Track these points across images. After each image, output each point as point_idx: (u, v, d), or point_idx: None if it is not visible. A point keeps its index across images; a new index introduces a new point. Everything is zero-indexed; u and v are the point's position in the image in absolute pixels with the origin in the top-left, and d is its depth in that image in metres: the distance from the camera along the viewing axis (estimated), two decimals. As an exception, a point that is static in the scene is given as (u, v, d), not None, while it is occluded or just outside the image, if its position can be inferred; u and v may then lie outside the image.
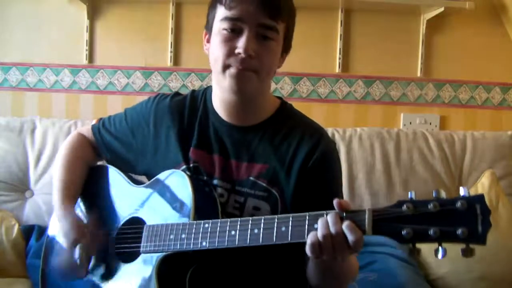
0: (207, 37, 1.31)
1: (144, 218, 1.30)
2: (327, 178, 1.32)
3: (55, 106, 2.52)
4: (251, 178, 1.30)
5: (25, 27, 2.50)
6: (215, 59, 1.25)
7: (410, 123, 2.60)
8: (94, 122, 1.54)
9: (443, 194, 0.93)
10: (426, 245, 0.93)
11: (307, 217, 1.05)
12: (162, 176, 1.33)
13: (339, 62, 2.55)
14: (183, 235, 1.17)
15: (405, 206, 0.94)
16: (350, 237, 0.98)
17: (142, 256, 1.25)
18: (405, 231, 0.93)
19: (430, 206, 0.92)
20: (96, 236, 1.35)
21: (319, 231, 1.01)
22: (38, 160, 2.18)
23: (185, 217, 1.21)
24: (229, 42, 1.22)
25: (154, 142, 1.39)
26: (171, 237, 1.19)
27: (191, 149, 1.34)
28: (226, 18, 1.22)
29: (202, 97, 1.41)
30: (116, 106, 2.49)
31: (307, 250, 1.03)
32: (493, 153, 2.31)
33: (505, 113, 2.65)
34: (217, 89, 1.33)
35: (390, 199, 2.19)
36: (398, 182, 2.24)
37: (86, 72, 2.52)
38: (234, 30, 1.22)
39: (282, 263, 1.29)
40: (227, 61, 1.22)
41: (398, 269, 1.87)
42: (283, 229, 1.06)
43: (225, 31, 1.22)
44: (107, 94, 2.53)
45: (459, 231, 0.89)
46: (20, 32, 2.50)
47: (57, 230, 1.39)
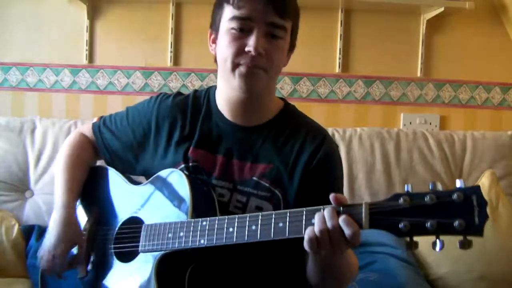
0: (213, 37, 1.32)
1: (142, 217, 1.30)
2: (330, 179, 1.32)
3: (55, 106, 2.53)
4: (254, 178, 1.30)
5: (25, 27, 2.50)
6: (224, 59, 1.24)
7: (410, 123, 2.59)
8: (95, 120, 1.55)
9: (439, 187, 0.94)
10: (425, 241, 0.92)
11: (304, 212, 1.05)
12: (160, 175, 1.33)
13: (339, 62, 2.55)
14: (181, 234, 1.17)
15: (401, 199, 0.95)
16: (347, 231, 0.98)
17: (141, 255, 1.25)
18: (402, 224, 0.93)
19: (427, 199, 0.92)
20: (95, 236, 1.35)
21: (316, 226, 1.01)
22: (38, 160, 2.18)
23: (183, 215, 1.21)
24: (238, 41, 1.22)
25: (155, 141, 1.40)
26: (170, 235, 1.19)
27: (191, 148, 1.34)
28: (234, 18, 1.22)
29: (205, 97, 1.41)
30: (116, 106, 2.49)
31: (305, 245, 1.03)
32: (493, 153, 2.31)
33: (505, 113, 2.65)
34: (223, 88, 1.33)
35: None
36: (398, 182, 2.24)
37: (86, 72, 2.52)
38: (243, 29, 1.22)
39: (282, 262, 1.29)
40: (237, 60, 1.22)
41: (398, 269, 1.87)
42: (281, 224, 1.06)
43: (234, 31, 1.22)
44: (107, 94, 2.53)
45: (456, 223, 0.89)
46: (20, 32, 2.50)
47: (53, 232, 1.37)
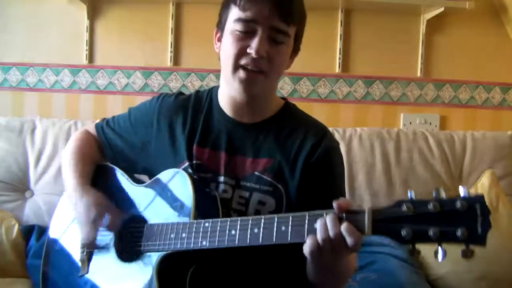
0: (218, 35, 1.33)
1: (145, 216, 1.30)
2: (331, 173, 1.33)
3: (55, 106, 2.53)
4: (256, 173, 1.31)
5: (25, 27, 2.50)
6: (226, 58, 1.26)
7: (410, 123, 2.60)
8: (98, 121, 1.55)
9: (443, 194, 0.93)
10: (426, 245, 0.92)
11: (307, 217, 1.05)
12: (163, 175, 1.33)
13: (339, 62, 2.55)
14: (184, 234, 1.17)
15: (404, 206, 0.94)
16: (349, 239, 0.98)
17: (143, 255, 1.25)
18: (404, 232, 0.93)
19: (430, 207, 0.91)
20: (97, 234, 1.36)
21: (318, 234, 1.01)
22: (38, 160, 2.18)
23: (185, 216, 1.21)
24: (241, 42, 1.23)
25: (158, 140, 1.40)
26: (172, 236, 1.19)
27: (195, 146, 1.35)
28: (239, 20, 1.23)
29: (207, 96, 1.42)
30: (116, 106, 2.49)
31: (306, 251, 1.03)
32: (493, 153, 2.31)
33: (505, 113, 2.65)
34: (226, 87, 1.35)
35: (390, 199, 2.18)
36: (398, 182, 2.25)
37: (86, 72, 2.52)
38: (246, 31, 1.23)
39: (282, 263, 1.29)
40: (238, 60, 1.24)
41: (398, 269, 1.87)
42: (283, 228, 1.06)
43: (238, 32, 1.24)
44: (107, 94, 2.53)
45: (459, 232, 0.89)
46: (20, 32, 2.50)
47: (75, 208, 1.37)
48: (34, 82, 2.52)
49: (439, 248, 0.91)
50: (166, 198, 1.29)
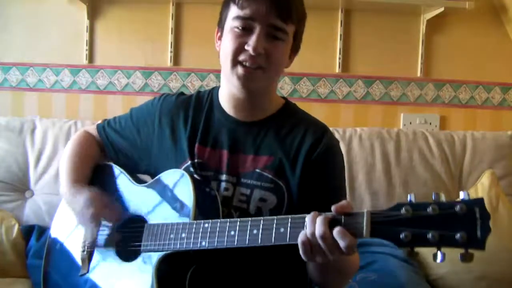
0: (219, 34, 1.35)
1: (145, 216, 1.31)
2: (331, 171, 1.34)
3: (55, 106, 2.53)
4: (257, 170, 1.32)
5: (25, 27, 2.50)
6: (226, 55, 1.27)
7: (410, 123, 2.60)
8: (99, 122, 1.56)
9: (443, 197, 0.92)
10: (425, 248, 0.91)
11: (306, 219, 1.05)
12: (164, 175, 1.34)
13: (339, 62, 2.55)
14: (183, 235, 1.18)
15: (404, 209, 0.93)
16: (342, 243, 0.98)
17: (142, 255, 1.26)
18: (403, 235, 0.92)
19: (429, 210, 0.91)
20: (97, 234, 1.35)
21: (308, 230, 1.02)
22: (38, 160, 2.18)
23: (185, 216, 1.21)
24: (239, 39, 1.25)
25: (159, 139, 1.41)
26: (171, 236, 1.19)
27: (196, 145, 1.36)
28: (238, 17, 1.25)
29: (208, 95, 1.44)
30: (116, 106, 2.49)
31: (300, 250, 1.03)
32: (493, 153, 2.31)
33: (505, 113, 2.64)
34: (226, 84, 1.36)
35: (390, 199, 2.19)
36: (398, 182, 2.24)
37: (86, 72, 2.52)
38: (245, 28, 1.25)
39: (283, 263, 1.30)
40: (237, 57, 1.25)
41: (398, 269, 1.87)
42: (282, 230, 1.07)
43: (236, 29, 1.26)
44: (107, 94, 2.53)
45: (458, 236, 0.88)
46: (20, 32, 2.50)
47: (71, 208, 1.38)
48: (34, 82, 2.52)
49: (438, 252, 0.91)
50: (167, 198, 1.30)
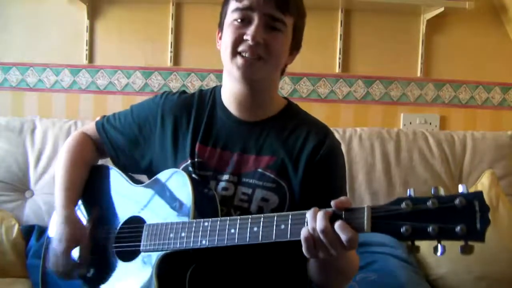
0: (220, 34, 1.35)
1: (144, 217, 1.30)
2: (334, 172, 1.34)
3: (55, 106, 2.53)
4: (259, 170, 1.31)
5: (25, 27, 2.50)
6: (226, 48, 1.28)
7: (410, 123, 2.60)
8: (98, 119, 1.54)
9: (442, 191, 0.93)
10: (425, 242, 0.92)
11: (306, 215, 1.05)
12: (162, 175, 1.33)
13: (339, 62, 2.55)
14: (183, 234, 1.17)
15: (404, 203, 0.94)
16: (343, 236, 0.98)
17: (142, 255, 1.25)
18: (403, 228, 0.93)
19: (429, 203, 0.92)
20: (96, 235, 1.35)
21: (309, 225, 1.03)
22: (38, 160, 2.18)
23: (185, 216, 1.21)
24: (238, 30, 1.26)
25: (161, 137, 1.40)
26: (171, 235, 1.19)
27: (197, 144, 1.35)
28: (237, 9, 1.27)
29: (210, 94, 1.43)
30: (116, 106, 2.49)
31: (302, 243, 1.03)
32: (493, 153, 2.31)
33: (505, 113, 2.65)
34: (227, 81, 1.36)
35: (390, 199, 2.18)
36: (398, 182, 2.24)
37: (86, 72, 2.52)
38: (243, 20, 1.26)
39: (283, 262, 1.30)
40: (236, 47, 1.26)
41: (398, 269, 1.87)
42: (282, 227, 1.06)
43: (235, 22, 1.27)
44: (107, 94, 2.54)
45: (458, 228, 0.89)
46: (20, 32, 2.50)
47: (54, 232, 1.37)
48: (34, 82, 2.52)
49: (439, 245, 0.92)
50: (165, 198, 1.29)
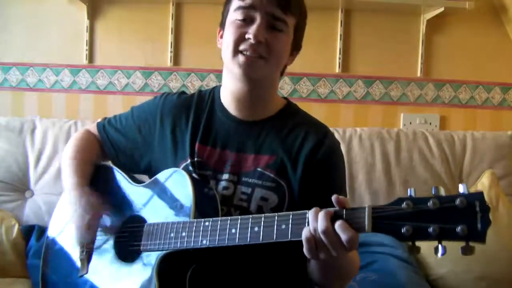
0: (221, 33, 1.35)
1: (144, 216, 1.30)
2: (333, 172, 1.34)
3: (55, 106, 2.53)
4: (259, 169, 1.32)
5: (25, 27, 2.50)
6: (227, 46, 1.28)
7: (410, 123, 2.60)
8: (99, 120, 1.56)
9: (442, 191, 0.93)
10: (425, 242, 0.92)
11: (307, 215, 1.05)
12: (162, 175, 1.33)
13: (339, 62, 2.55)
14: (184, 233, 1.17)
15: (404, 203, 0.94)
16: (343, 236, 0.98)
17: (143, 254, 1.25)
18: (404, 229, 0.93)
19: (430, 204, 0.92)
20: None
21: (310, 225, 1.03)
22: (38, 160, 2.18)
23: (185, 215, 1.21)
24: (240, 29, 1.26)
25: (160, 138, 1.41)
26: (172, 235, 1.19)
27: (197, 144, 1.36)
28: (239, 8, 1.27)
29: (209, 94, 1.44)
30: (116, 106, 2.49)
31: (303, 243, 1.03)
32: (493, 153, 2.31)
33: (505, 113, 2.65)
34: (227, 80, 1.36)
35: (390, 199, 2.17)
36: (398, 182, 2.24)
37: (86, 72, 2.52)
38: (245, 20, 1.26)
39: (283, 262, 1.30)
40: (238, 46, 1.26)
41: (398, 269, 1.87)
42: (283, 227, 1.06)
43: (237, 21, 1.27)
44: (107, 94, 2.53)
45: (459, 229, 0.89)
46: (20, 32, 2.50)
47: (71, 209, 1.36)
48: (34, 82, 2.52)
49: (439, 245, 0.92)
50: (166, 197, 1.29)
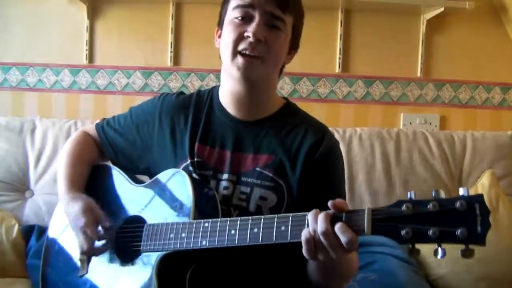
0: (219, 32, 1.35)
1: (144, 217, 1.30)
2: (332, 171, 1.34)
3: (55, 106, 2.53)
4: (258, 168, 1.32)
5: (25, 27, 2.50)
6: (226, 46, 1.28)
7: (410, 123, 2.60)
8: (98, 121, 1.55)
9: (443, 194, 0.92)
10: (426, 245, 0.92)
11: (307, 217, 1.05)
12: (162, 175, 1.33)
13: (339, 62, 2.55)
14: (183, 234, 1.17)
15: (404, 206, 0.94)
16: (343, 238, 0.98)
17: (142, 255, 1.25)
18: (404, 231, 0.92)
19: (430, 206, 0.91)
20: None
21: (310, 227, 1.02)
22: (38, 160, 2.18)
23: (185, 216, 1.21)
24: (239, 28, 1.26)
25: (159, 139, 1.41)
26: (171, 236, 1.19)
27: (196, 144, 1.36)
28: (238, 6, 1.27)
29: (208, 95, 1.44)
30: (116, 106, 2.49)
31: (303, 244, 1.03)
32: (493, 153, 2.31)
33: (505, 113, 2.65)
34: (225, 80, 1.36)
35: (390, 199, 2.17)
36: (398, 182, 2.24)
37: (86, 72, 2.52)
38: (244, 18, 1.26)
39: (282, 263, 1.29)
40: (237, 45, 1.26)
41: (398, 269, 1.87)
42: (283, 228, 1.06)
43: (236, 20, 1.27)
44: (107, 94, 2.54)
45: (459, 232, 0.88)
46: (20, 32, 2.50)
47: (66, 215, 1.37)
48: (34, 82, 2.52)
49: (439, 248, 0.91)
50: (165, 198, 1.29)
